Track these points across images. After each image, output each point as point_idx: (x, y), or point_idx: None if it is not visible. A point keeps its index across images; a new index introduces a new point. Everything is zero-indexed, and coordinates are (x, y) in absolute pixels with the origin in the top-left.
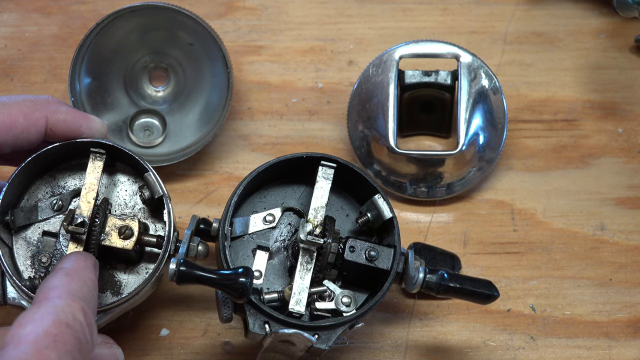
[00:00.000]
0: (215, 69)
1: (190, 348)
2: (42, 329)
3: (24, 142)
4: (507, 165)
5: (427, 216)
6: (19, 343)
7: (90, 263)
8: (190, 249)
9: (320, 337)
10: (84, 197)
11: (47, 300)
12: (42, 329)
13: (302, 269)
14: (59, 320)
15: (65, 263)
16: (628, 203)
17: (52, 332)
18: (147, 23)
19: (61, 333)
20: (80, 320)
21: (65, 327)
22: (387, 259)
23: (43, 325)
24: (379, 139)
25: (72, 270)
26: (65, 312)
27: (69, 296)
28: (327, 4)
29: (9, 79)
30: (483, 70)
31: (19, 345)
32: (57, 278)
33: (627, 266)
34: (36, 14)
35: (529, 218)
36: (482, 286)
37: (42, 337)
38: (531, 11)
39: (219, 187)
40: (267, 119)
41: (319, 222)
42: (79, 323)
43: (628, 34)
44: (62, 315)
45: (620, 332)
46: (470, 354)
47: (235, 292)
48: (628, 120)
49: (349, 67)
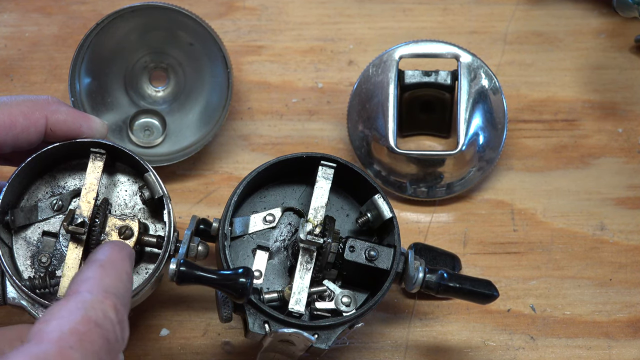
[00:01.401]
0: (215, 69)
1: (190, 348)
2: (68, 326)
3: (24, 142)
4: (507, 165)
5: (427, 216)
6: (41, 340)
7: (126, 254)
8: (190, 249)
9: (320, 336)
10: (84, 197)
11: (76, 295)
12: (69, 327)
13: (302, 269)
14: (87, 317)
15: (100, 254)
16: (628, 203)
17: (79, 330)
18: (147, 23)
19: (89, 332)
20: (111, 317)
21: (94, 325)
22: (387, 258)
23: (70, 322)
24: (379, 139)
25: (107, 262)
26: (95, 309)
27: (101, 291)
28: (327, 4)
29: (9, 79)
30: (483, 70)
31: (41, 342)
32: (90, 270)
33: (627, 266)
34: (36, 14)
35: (529, 218)
36: (482, 286)
37: (68, 336)
38: (531, 11)
39: (219, 187)
40: (267, 119)
41: (318, 222)
42: (110, 321)
43: (628, 34)
44: (91, 311)
45: (620, 332)
46: (470, 354)
47: (235, 293)
48: (628, 120)
49: (349, 67)
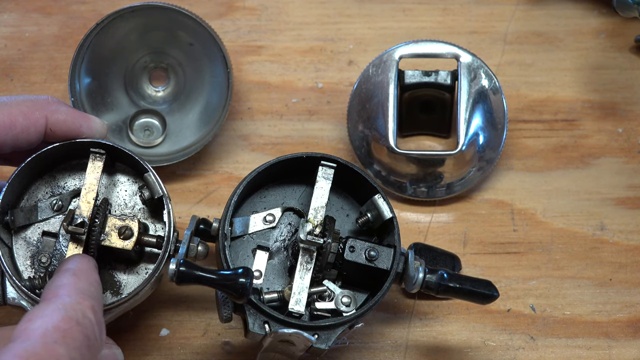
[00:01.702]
0: (215, 69)
1: (190, 348)
2: (51, 324)
3: (24, 142)
4: (507, 165)
5: (427, 216)
6: (27, 337)
7: (93, 264)
8: (190, 250)
9: (320, 337)
10: (83, 198)
11: (56, 298)
12: (52, 324)
13: (302, 269)
14: (68, 316)
15: (70, 264)
16: (628, 203)
17: (61, 327)
18: (147, 23)
19: (71, 329)
20: (90, 318)
21: (75, 323)
22: (387, 259)
23: (52, 321)
24: (379, 139)
25: (78, 271)
26: (74, 310)
27: (78, 294)
28: (327, 4)
29: (9, 79)
30: (483, 70)
31: (27, 339)
32: (64, 277)
33: (627, 266)
34: (36, 14)
35: (529, 218)
36: (482, 286)
37: (52, 332)
38: (531, 11)
39: (219, 187)
40: (267, 119)
41: (318, 222)
42: (89, 321)
43: (628, 34)
44: (71, 312)
45: (620, 332)
46: (470, 354)
47: (235, 293)
48: (628, 120)
49: (349, 67)
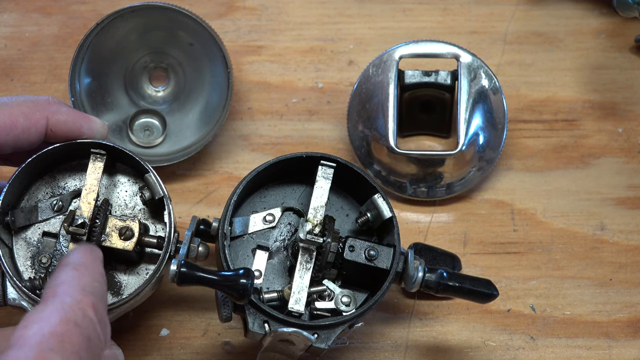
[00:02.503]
0: (215, 69)
1: (190, 348)
2: (48, 329)
3: (25, 142)
4: (507, 165)
5: (427, 216)
6: (23, 344)
7: (96, 255)
8: (191, 250)
9: (320, 336)
10: (84, 198)
11: (54, 297)
12: (48, 330)
13: (302, 269)
14: (66, 318)
15: (72, 257)
16: (628, 203)
17: (58, 332)
18: (147, 23)
19: (68, 332)
20: (91, 317)
21: (73, 325)
22: (387, 258)
23: (49, 325)
24: (379, 139)
25: (80, 265)
26: (74, 310)
27: (79, 292)
28: (327, 4)
29: (9, 79)
30: (483, 70)
31: (23, 346)
32: (64, 273)
33: (627, 266)
34: (36, 14)
35: (529, 218)
36: (482, 285)
37: (48, 338)
38: (531, 11)
39: (219, 187)
40: (267, 119)
41: (318, 221)
42: (89, 320)
43: (628, 34)
44: (70, 313)
45: (620, 332)
46: (470, 354)
47: (236, 294)
48: (628, 120)
49: (349, 67)
